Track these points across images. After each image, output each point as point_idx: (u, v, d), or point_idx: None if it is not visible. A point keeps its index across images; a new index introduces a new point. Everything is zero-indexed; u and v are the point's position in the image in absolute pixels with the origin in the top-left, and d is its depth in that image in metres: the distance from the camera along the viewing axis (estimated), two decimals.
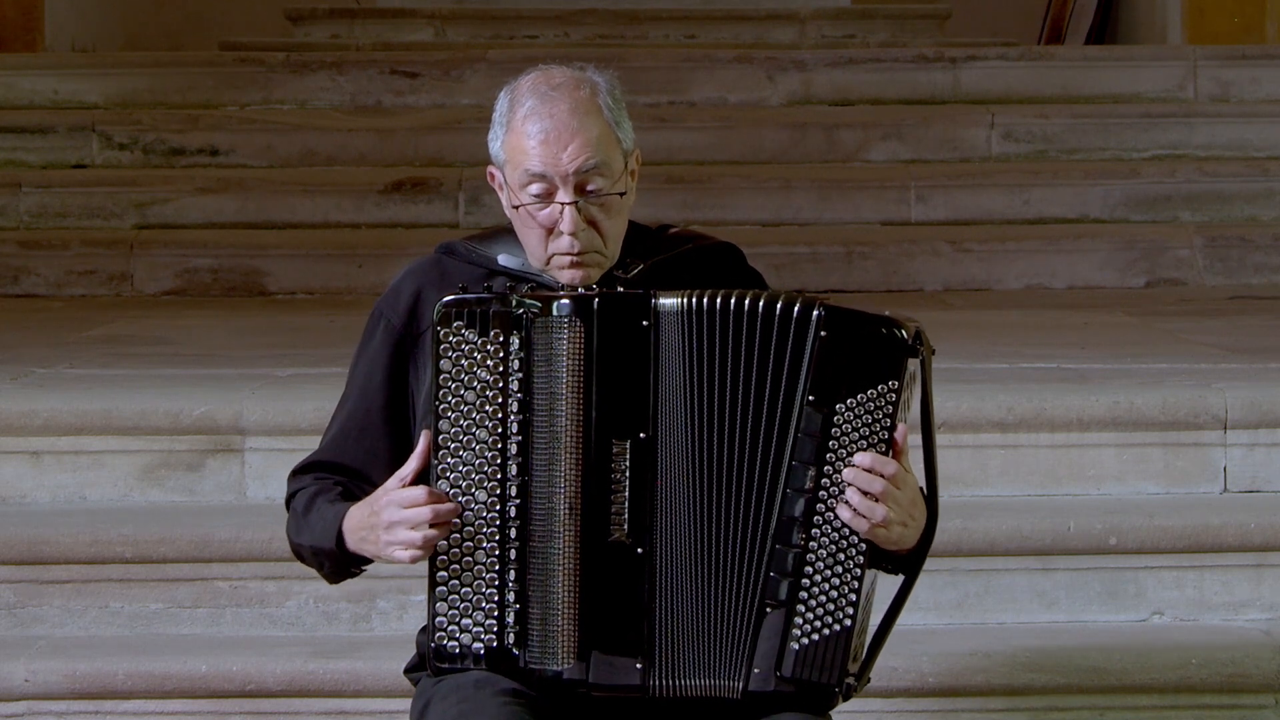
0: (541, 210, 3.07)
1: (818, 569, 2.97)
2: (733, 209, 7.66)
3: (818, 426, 2.96)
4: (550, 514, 2.96)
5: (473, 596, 2.98)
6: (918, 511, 3.02)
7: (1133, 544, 4.29)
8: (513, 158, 3.08)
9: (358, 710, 4.05)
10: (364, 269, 7.31)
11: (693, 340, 2.97)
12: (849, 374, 2.96)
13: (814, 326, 2.95)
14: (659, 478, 2.97)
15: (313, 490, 3.18)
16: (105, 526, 4.32)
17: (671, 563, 2.98)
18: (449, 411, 2.96)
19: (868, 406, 2.96)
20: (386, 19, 9.86)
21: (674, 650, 2.99)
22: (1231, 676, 4.06)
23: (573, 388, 2.96)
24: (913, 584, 3.09)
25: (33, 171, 7.89)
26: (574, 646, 2.98)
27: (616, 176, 3.08)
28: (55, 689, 4.05)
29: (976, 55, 8.53)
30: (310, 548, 3.15)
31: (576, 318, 2.96)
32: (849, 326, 2.97)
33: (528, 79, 3.10)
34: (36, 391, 4.78)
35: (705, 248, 3.23)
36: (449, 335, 2.96)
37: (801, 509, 2.97)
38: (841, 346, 2.96)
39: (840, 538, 2.98)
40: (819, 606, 2.98)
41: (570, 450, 2.96)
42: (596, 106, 3.07)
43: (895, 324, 2.98)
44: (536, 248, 3.10)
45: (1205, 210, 7.70)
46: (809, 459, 2.96)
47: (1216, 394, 4.58)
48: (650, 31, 9.67)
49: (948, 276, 7.38)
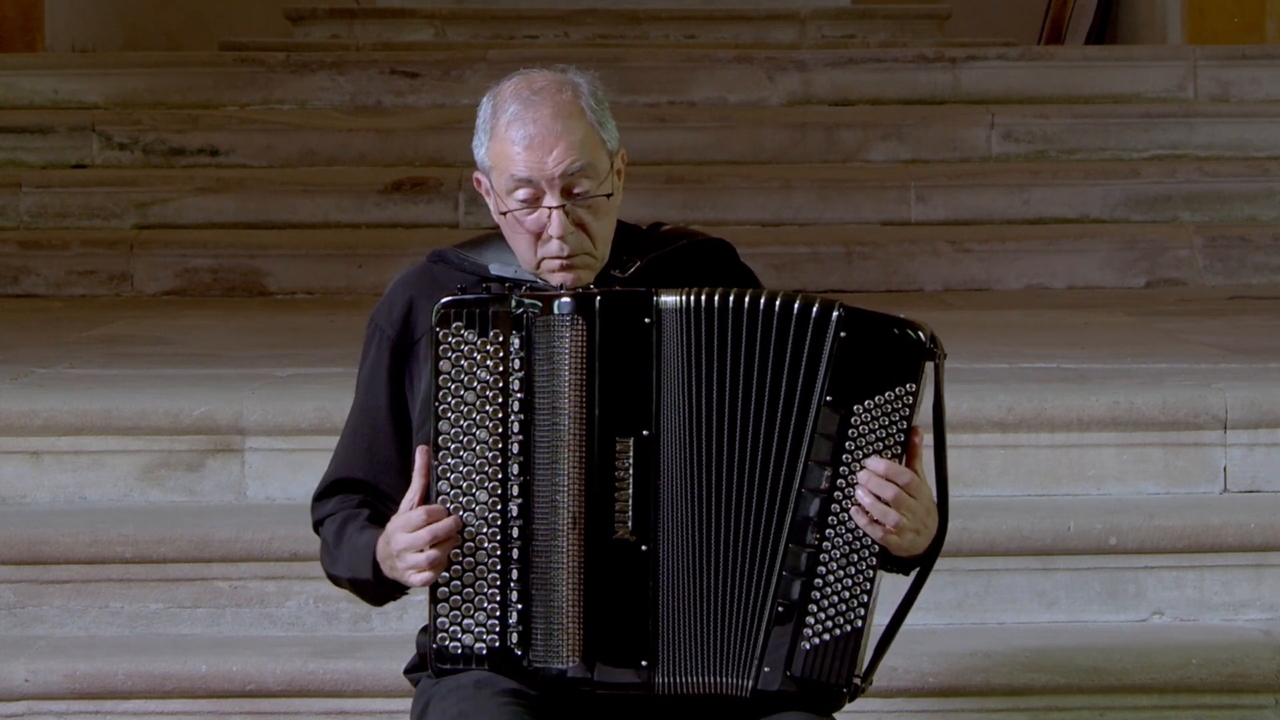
0: (529, 215, 3.06)
1: (830, 569, 2.97)
2: (733, 209, 7.65)
3: (834, 427, 2.96)
4: (553, 512, 2.96)
5: (474, 597, 2.97)
6: (930, 518, 3.02)
7: (1133, 544, 4.29)
8: (498, 164, 3.07)
9: (358, 710, 4.05)
10: (364, 269, 7.31)
11: (696, 338, 2.97)
12: (867, 375, 2.95)
13: (834, 327, 2.95)
14: (662, 475, 2.97)
15: (341, 519, 3.18)
16: (105, 526, 4.32)
17: (676, 560, 2.98)
18: (449, 412, 2.96)
19: (885, 409, 2.96)
20: (386, 19, 9.86)
21: (679, 648, 2.99)
22: (1231, 676, 4.06)
23: (575, 386, 2.96)
24: (921, 587, 3.10)
25: (33, 171, 7.88)
26: (578, 645, 2.98)
27: (602, 178, 3.08)
28: (55, 689, 4.04)
29: (976, 55, 8.52)
30: (349, 579, 3.16)
31: (579, 316, 2.95)
32: (868, 328, 2.96)
33: (509, 84, 3.09)
34: (36, 391, 4.78)
35: (698, 244, 3.23)
36: (448, 336, 2.96)
37: (816, 509, 2.96)
38: (860, 347, 2.95)
39: (854, 539, 2.97)
40: (830, 607, 2.97)
41: (574, 448, 2.96)
42: (579, 109, 3.07)
43: (913, 326, 2.97)
44: (526, 253, 3.10)
45: (1205, 210, 7.69)
46: (825, 459, 2.96)
47: (1216, 394, 4.58)
48: (650, 31, 9.66)
49: (948, 276, 7.37)
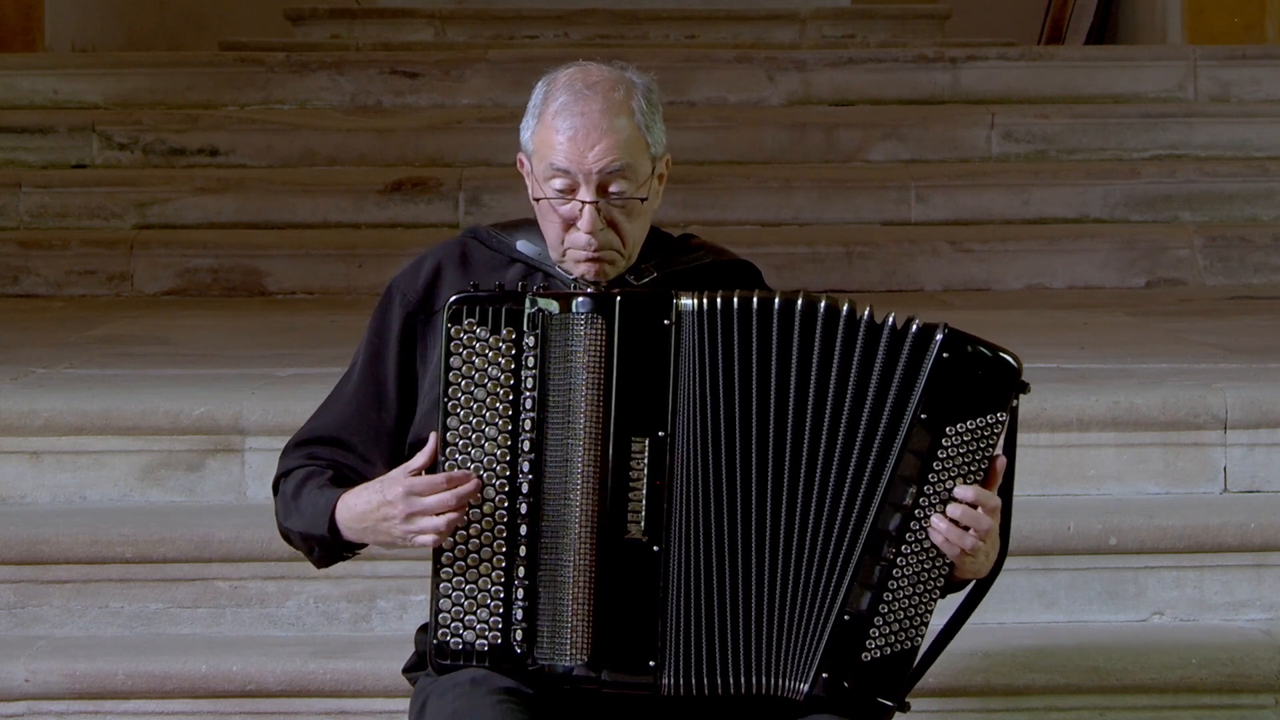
0: (563, 205, 3.06)
1: (901, 585, 2.96)
2: (733, 209, 7.65)
3: (925, 445, 2.94)
4: (565, 510, 2.96)
5: (478, 594, 2.97)
6: (996, 545, 3.02)
7: (1133, 544, 4.29)
8: (540, 150, 3.08)
9: (358, 710, 4.05)
10: (364, 269, 7.31)
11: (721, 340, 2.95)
12: (964, 398, 2.94)
13: (936, 347, 2.94)
14: (679, 477, 2.96)
15: (302, 474, 3.17)
16: (105, 526, 4.31)
17: (697, 562, 2.96)
18: (458, 409, 2.95)
19: (975, 434, 2.95)
20: (386, 19, 9.86)
21: (700, 649, 2.97)
22: (1231, 676, 4.06)
23: (592, 385, 2.95)
24: (973, 609, 3.11)
25: (33, 171, 7.89)
26: (586, 643, 2.97)
27: (641, 181, 3.07)
28: (55, 689, 4.04)
29: (976, 55, 8.52)
30: (300, 533, 3.15)
31: (598, 315, 2.95)
32: (970, 351, 2.95)
33: (565, 73, 3.09)
34: (36, 391, 4.78)
35: (722, 264, 3.23)
36: (460, 333, 2.95)
37: (897, 524, 2.95)
38: (960, 370, 2.94)
39: (928, 558, 2.96)
40: (895, 622, 2.97)
41: (589, 447, 2.95)
42: (629, 109, 3.06)
43: (1008, 353, 2.97)
44: (554, 239, 3.10)
45: (1205, 210, 7.69)
46: (911, 476, 2.94)
47: (1216, 394, 4.58)
48: (650, 31, 9.66)
49: (948, 276, 7.37)
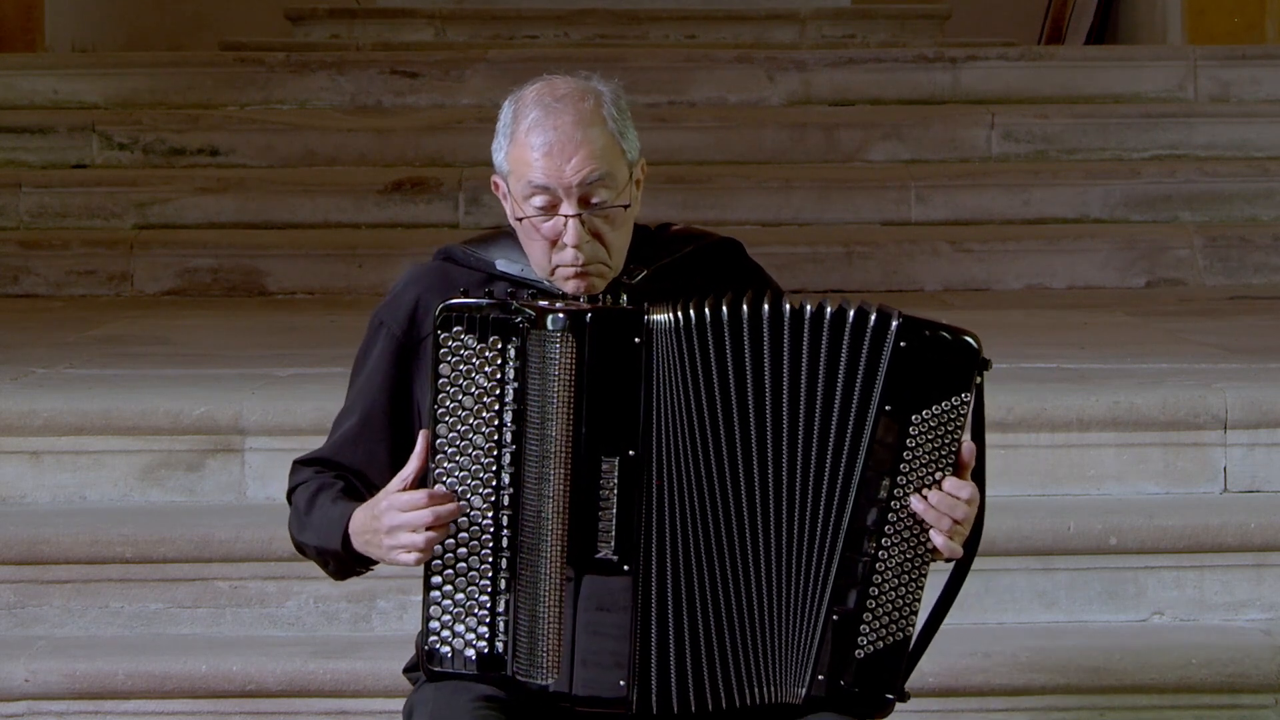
0: (545, 222, 3.04)
1: (886, 578, 2.96)
2: (733, 209, 7.65)
3: (894, 437, 2.93)
4: (539, 527, 2.94)
5: (466, 603, 2.96)
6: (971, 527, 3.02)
7: (1133, 544, 4.29)
8: (516, 169, 3.05)
9: (358, 710, 4.05)
10: (364, 269, 7.31)
11: (695, 352, 2.93)
12: (926, 384, 2.92)
13: (892, 337, 2.92)
14: (653, 494, 2.93)
15: (314, 486, 3.15)
16: (105, 526, 4.32)
17: (678, 579, 2.94)
18: (447, 416, 2.94)
19: (941, 418, 2.94)
20: (386, 19, 9.86)
21: (682, 666, 2.95)
22: (1231, 676, 4.06)
23: (564, 401, 2.93)
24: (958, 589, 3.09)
25: (33, 171, 7.88)
26: (558, 661, 2.95)
27: (621, 188, 3.05)
28: (55, 689, 4.05)
29: (976, 55, 8.52)
30: (315, 547, 3.14)
31: (569, 333, 2.92)
32: (928, 335, 2.93)
33: (532, 89, 3.07)
34: (36, 391, 4.78)
35: (706, 248, 3.21)
36: (449, 340, 2.94)
37: (874, 518, 2.94)
38: (919, 356, 2.92)
39: (909, 546, 2.96)
40: (885, 615, 2.97)
41: (560, 465, 2.93)
42: (601, 118, 3.04)
43: (966, 334, 2.95)
44: (540, 259, 3.07)
45: (1205, 210, 7.69)
46: (884, 468, 2.93)
47: (1216, 394, 4.58)
48: (650, 31, 9.66)
49: (948, 276, 7.37)
